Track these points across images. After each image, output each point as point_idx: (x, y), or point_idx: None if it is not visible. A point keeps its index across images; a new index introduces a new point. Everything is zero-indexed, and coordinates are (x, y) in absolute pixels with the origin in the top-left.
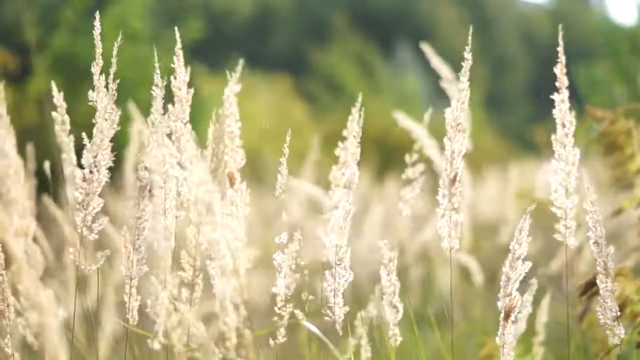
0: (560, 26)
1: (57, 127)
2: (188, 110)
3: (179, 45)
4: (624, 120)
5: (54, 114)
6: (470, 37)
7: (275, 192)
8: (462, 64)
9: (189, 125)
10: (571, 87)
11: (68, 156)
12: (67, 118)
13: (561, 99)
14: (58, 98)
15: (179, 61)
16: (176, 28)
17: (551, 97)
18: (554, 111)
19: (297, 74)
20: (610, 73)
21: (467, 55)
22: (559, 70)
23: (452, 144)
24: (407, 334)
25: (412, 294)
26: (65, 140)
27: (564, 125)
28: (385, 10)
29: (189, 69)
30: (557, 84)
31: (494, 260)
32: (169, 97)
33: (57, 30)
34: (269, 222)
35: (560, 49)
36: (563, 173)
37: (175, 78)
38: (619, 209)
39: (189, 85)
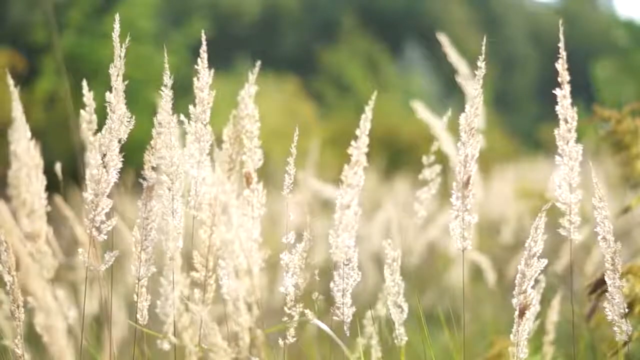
0: (560, 21)
1: (84, 126)
2: (209, 111)
3: (203, 47)
4: (630, 120)
5: (82, 112)
6: (484, 47)
7: (282, 192)
8: (475, 71)
9: (209, 127)
10: (586, 85)
11: (92, 155)
12: (94, 117)
13: (563, 95)
14: (88, 97)
15: (202, 63)
16: (203, 31)
17: (553, 92)
18: (557, 107)
19: (305, 74)
20: (620, 70)
21: (481, 63)
22: (560, 65)
23: (465, 148)
24: (416, 333)
25: (421, 293)
26: (91, 139)
27: (566, 121)
28: (394, 10)
29: (212, 71)
30: (559, 79)
31: (501, 259)
32: (175, 97)
33: (64, 31)
34: (278, 221)
35: (561, 44)
36: (566, 168)
37: (197, 79)
38: (626, 207)
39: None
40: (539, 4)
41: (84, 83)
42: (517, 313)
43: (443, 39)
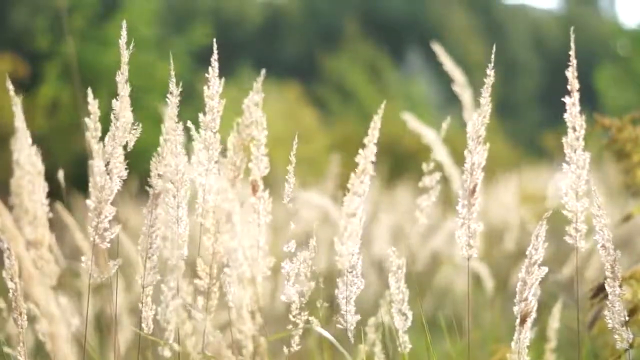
0: (572, 29)
1: (87, 134)
2: (218, 120)
3: (215, 55)
4: (631, 128)
5: (87, 120)
6: (491, 54)
7: (283, 200)
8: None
9: (218, 135)
10: (588, 92)
11: (97, 164)
12: (99, 125)
13: (572, 102)
14: (93, 105)
15: (213, 71)
16: (214, 40)
17: (562, 100)
18: (565, 115)
19: (307, 80)
20: (622, 78)
21: (490, 71)
22: (570, 73)
23: (472, 156)
24: (418, 340)
25: (423, 300)
26: (94, 147)
27: (574, 129)
28: (396, 16)
29: (222, 80)
30: (568, 87)
31: (504, 266)
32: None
33: (67, 37)
34: (279, 229)
35: (572, 52)
36: (573, 176)
37: (208, 88)
38: (627, 215)
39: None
40: (541, 10)
41: (89, 91)
42: (518, 321)
43: (438, 48)
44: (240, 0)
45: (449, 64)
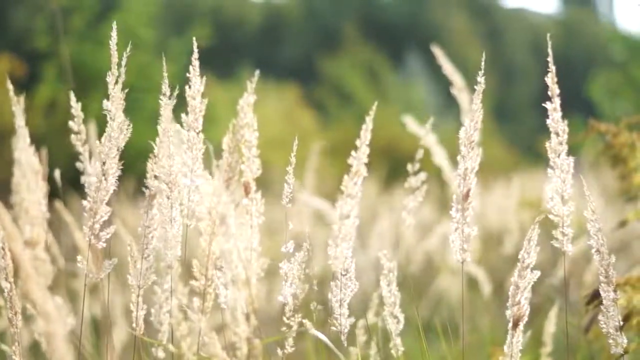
0: (548, 35)
1: (72, 137)
2: (201, 119)
3: (195, 54)
4: (627, 133)
5: (70, 123)
6: (483, 62)
7: (281, 202)
8: (475, 84)
9: (201, 135)
10: (588, 97)
11: (89, 164)
12: (83, 128)
13: (553, 108)
14: (76, 108)
15: (194, 71)
16: (194, 38)
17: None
18: (547, 120)
19: (306, 82)
20: (620, 83)
21: (480, 78)
22: (550, 79)
23: (465, 161)
24: (414, 343)
25: (419, 303)
26: (80, 150)
27: (557, 134)
28: (395, 20)
29: (204, 79)
30: (548, 92)
31: (501, 270)
32: (176, 105)
33: (65, 38)
34: (276, 231)
35: (550, 58)
36: (558, 180)
37: (189, 87)
38: (623, 220)
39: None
40: (540, 15)
41: (72, 94)
42: (510, 324)
43: (437, 51)
44: (240, 1)
45: (448, 67)
